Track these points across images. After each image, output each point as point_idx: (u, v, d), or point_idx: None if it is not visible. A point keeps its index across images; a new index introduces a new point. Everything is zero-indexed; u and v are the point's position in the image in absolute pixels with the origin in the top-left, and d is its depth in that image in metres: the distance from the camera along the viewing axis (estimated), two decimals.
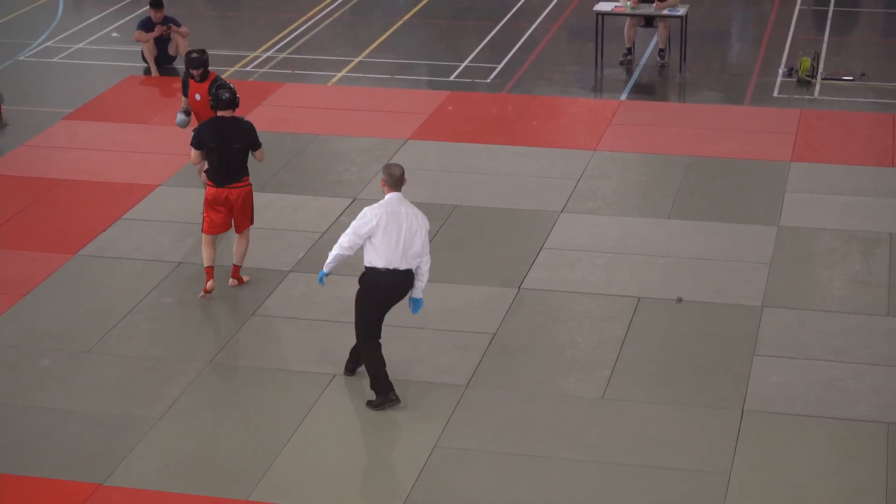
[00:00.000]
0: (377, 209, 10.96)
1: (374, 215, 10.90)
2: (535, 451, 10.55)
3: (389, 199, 11.05)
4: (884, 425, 10.76)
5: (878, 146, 16.24)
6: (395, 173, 11.08)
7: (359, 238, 10.93)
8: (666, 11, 19.22)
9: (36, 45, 20.89)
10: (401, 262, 10.89)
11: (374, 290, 10.99)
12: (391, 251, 10.86)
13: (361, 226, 10.90)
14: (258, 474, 10.32)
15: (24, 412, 11.21)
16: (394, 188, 11.10)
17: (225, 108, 12.69)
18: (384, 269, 10.89)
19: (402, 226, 10.91)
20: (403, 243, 10.88)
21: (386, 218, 10.89)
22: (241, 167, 12.74)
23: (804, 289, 12.93)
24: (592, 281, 13.12)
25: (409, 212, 11.02)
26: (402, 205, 11.04)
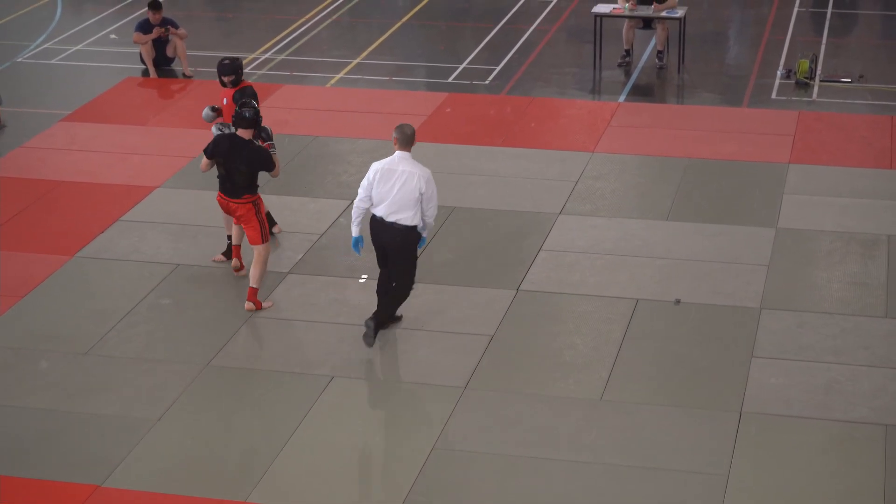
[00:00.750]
0: (377, 164, 11.78)
1: (374, 170, 11.76)
2: (533, 452, 10.55)
3: (393, 156, 11.76)
4: (882, 427, 10.76)
5: (877, 148, 16.25)
6: (407, 132, 11.72)
7: (363, 190, 11.80)
8: (664, 13, 19.23)
9: (34, 47, 20.89)
10: (386, 213, 11.74)
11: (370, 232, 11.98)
12: (380, 201, 11.75)
13: (364, 179, 11.80)
14: (256, 476, 10.32)
15: (22, 414, 11.21)
16: (402, 147, 11.75)
17: (246, 126, 12.51)
18: (373, 216, 11.88)
19: (396, 183, 11.66)
20: (392, 197, 11.67)
21: (381, 173, 11.70)
22: (243, 187, 12.54)
23: (803, 290, 12.93)
24: (591, 282, 13.12)
25: (408, 170, 11.69)
26: (402, 163, 11.71)
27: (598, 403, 11.20)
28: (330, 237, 14.13)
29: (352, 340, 12.21)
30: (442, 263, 13.56)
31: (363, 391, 11.47)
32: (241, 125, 12.54)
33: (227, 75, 13.74)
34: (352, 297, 12.98)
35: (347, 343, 12.19)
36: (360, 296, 12.97)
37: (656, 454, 10.49)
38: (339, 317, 12.62)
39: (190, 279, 13.34)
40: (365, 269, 13.45)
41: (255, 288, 12.68)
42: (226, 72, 13.74)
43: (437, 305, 12.69)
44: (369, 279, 13.25)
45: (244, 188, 12.58)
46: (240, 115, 12.52)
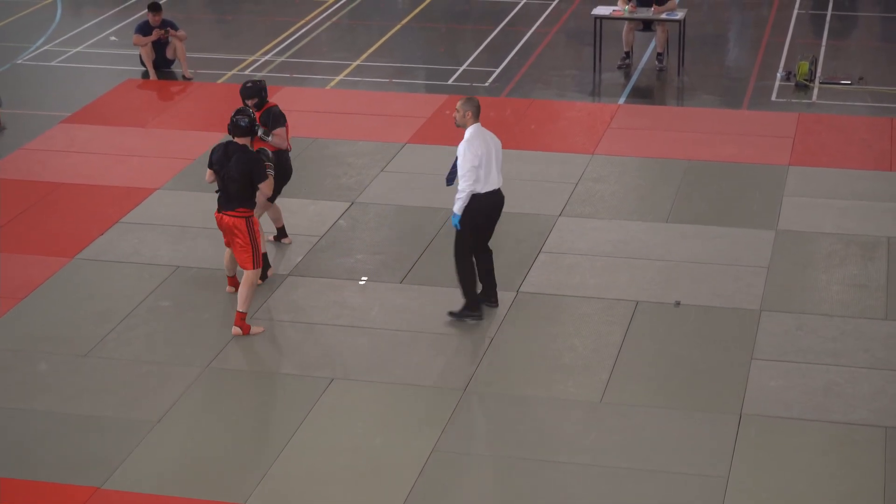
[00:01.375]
0: (475, 143, 11.92)
1: (477, 147, 11.91)
2: (532, 454, 10.55)
3: (477, 129, 12.01)
4: (881, 429, 10.76)
5: (876, 150, 16.25)
6: (478, 104, 12.04)
7: (475, 170, 11.93)
8: (664, 15, 19.23)
9: (34, 49, 20.89)
10: (497, 181, 12.14)
11: (477, 212, 12.11)
12: (491, 174, 12.03)
13: (472, 159, 11.89)
14: (256, 478, 10.31)
15: (21, 416, 11.20)
16: (477, 118, 12.03)
17: (241, 135, 12.12)
18: (489, 192, 12.06)
19: (492, 149, 12.05)
20: (495, 164, 12.07)
21: (484, 147, 11.97)
22: (237, 197, 12.06)
23: (802, 292, 12.93)
24: (590, 284, 13.12)
25: (490, 134, 12.13)
26: (484, 131, 12.08)
27: (597, 405, 11.19)
28: (329, 239, 14.13)
29: (351, 342, 12.21)
30: (441, 265, 13.55)
31: (362, 393, 11.47)
32: (236, 133, 12.13)
33: (250, 98, 13.22)
34: (351, 300, 12.98)
35: (347, 345, 12.19)
36: (359, 298, 12.97)
37: (656, 456, 10.49)
38: (339, 319, 12.61)
39: (189, 281, 13.34)
40: (364, 271, 13.45)
41: (243, 312, 12.25)
42: (249, 95, 13.22)
43: (437, 307, 12.69)
44: (369, 281, 13.25)
45: (238, 199, 12.08)
46: (235, 124, 12.14)
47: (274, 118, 13.26)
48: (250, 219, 12.18)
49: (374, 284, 13.22)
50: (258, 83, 13.37)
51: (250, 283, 12.20)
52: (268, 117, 13.26)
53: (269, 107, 13.39)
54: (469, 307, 12.38)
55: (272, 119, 13.25)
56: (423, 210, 14.80)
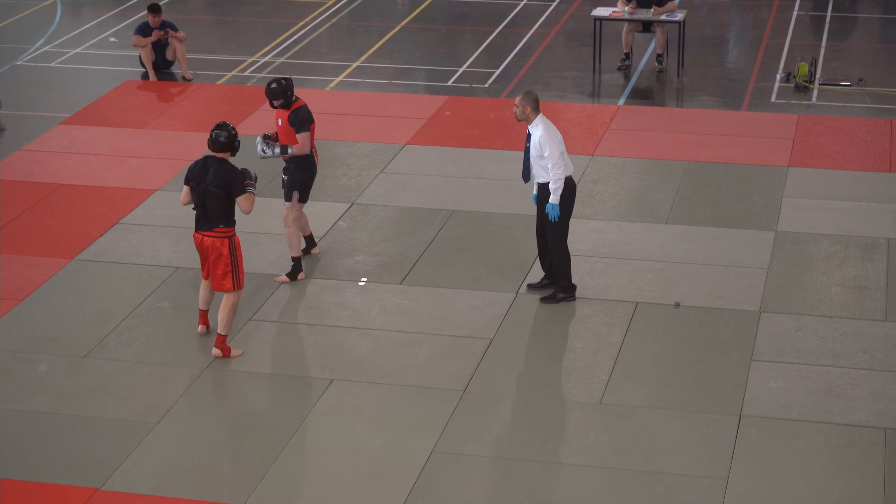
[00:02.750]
0: (552, 130, 12.34)
1: (555, 135, 12.33)
2: (532, 456, 10.55)
3: (544, 120, 12.41)
4: (881, 430, 10.76)
5: (876, 151, 16.25)
6: (537, 97, 12.43)
7: (563, 155, 12.37)
8: (664, 17, 19.23)
9: (34, 50, 20.89)
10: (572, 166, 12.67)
11: (572, 196, 12.60)
12: (569, 160, 12.53)
13: (559, 144, 12.32)
14: (255, 479, 10.31)
15: (21, 417, 11.20)
16: (538, 111, 12.41)
17: (219, 150, 11.71)
18: (570, 176, 12.52)
19: (561, 137, 12.48)
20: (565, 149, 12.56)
21: (559, 135, 12.40)
22: (216, 216, 11.66)
23: (802, 294, 12.93)
24: (590, 286, 13.12)
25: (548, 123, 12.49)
26: (548, 120, 12.48)
27: (597, 407, 11.19)
28: (329, 240, 14.12)
29: (351, 343, 12.21)
30: (441, 266, 13.56)
31: (362, 394, 11.47)
32: (214, 149, 11.71)
33: (276, 99, 12.90)
34: (351, 300, 12.97)
35: (346, 346, 12.18)
36: (359, 299, 12.97)
37: (656, 457, 10.49)
38: (339, 320, 12.61)
39: (189, 282, 13.33)
40: (364, 272, 13.45)
41: (224, 335, 11.93)
42: (275, 96, 12.88)
43: (437, 308, 12.69)
44: (368, 282, 13.25)
45: (217, 218, 11.66)
46: (213, 139, 11.69)
47: (301, 121, 12.89)
48: (232, 238, 11.78)
49: (373, 285, 13.22)
50: (283, 82, 12.91)
51: (231, 304, 11.86)
52: (295, 118, 12.93)
53: (298, 107, 12.99)
54: (566, 290, 12.81)
55: (298, 122, 12.89)
56: (422, 211, 14.80)
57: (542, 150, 12.31)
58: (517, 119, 12.47)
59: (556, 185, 12.39)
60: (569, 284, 12.83)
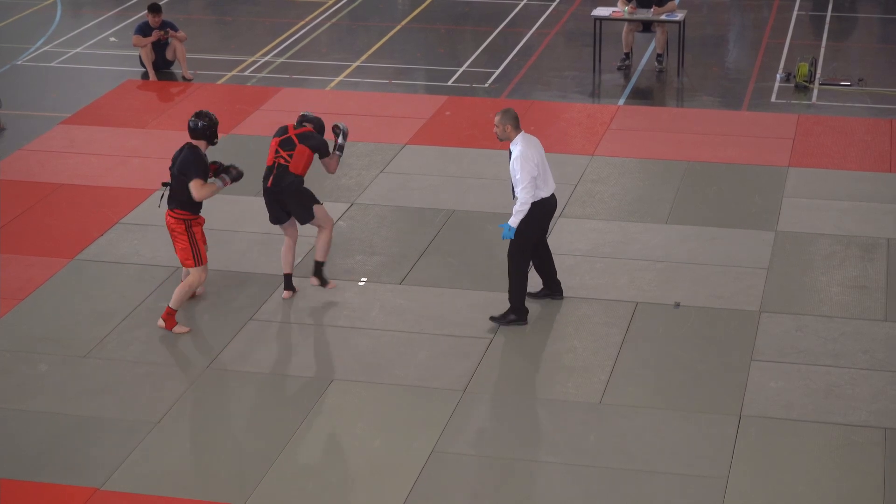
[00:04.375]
0: (529, 150, 11.92)
1: (532, 155, 11.92)
2: (532, 456, 10.55)
3: (524, 137, 12.03)
4: (882, 431, 10.76)
5: (876, 151, 16.25)
6: (516, 115, 12.06)
7: (535, 181, 11.95)
8: (664, 16, 19.24)
9: (34, 50, 20.89)
10: (553, 184, 12.27)
11: (541, 218, 12.20)
12: (549, 178, 12.16)
13: (532, 169, 11.90)
14: (255, 480, 10.31)
15: (21, 417, 11.20)
16: (519, 129, 12.04)
17: (196, 137, 12.18)
18: (549, 197, 12.15)
19: (542, 152, 12.12)
20: (548, 167, 12.18)
21: (538, 154, 12.02)
22: (174, 195, 12.16)
23: (802, 294, 12.93)
24: (590, 285, 13.12)
25: (535, 139, 12.17)
26: (530, 138, 12.12)
27: (597, 407, 11.19)
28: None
29: (350, 343, 12.21)
30: (441, 266, 13.56)
31: (362, 394, 11.47)
32: (193, 136, 12.21)
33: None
34: (351, 301, 12.97)
35: (346, 346, 12.18)
36: (358, 299, 12.97)
37: (655, 458, 10.49)
38: (338, 320, 12.61)
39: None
40: (364, 272, 13.45)
41: (172, 309, 12.33)
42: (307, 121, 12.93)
43: (437, 309, 12.69)
44: (368, 282, 13.25)
45: (174, 197, 12.16)
46: (192, 126, 12.16)
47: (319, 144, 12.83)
48: (189, 223, 12.18)
49: (373, 285, 13.22)
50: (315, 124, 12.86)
51: (189, 283, 12.31)
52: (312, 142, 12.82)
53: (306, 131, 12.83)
54: (516, 311, 12.34)
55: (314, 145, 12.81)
56: (422, 211, 14.80)
57: (515, 172, 11.92)
58: (499, 139, 12.08)
59: (520, 209, 11.92)
60: (520, 306, 12.33)
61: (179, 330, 12.37)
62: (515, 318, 12.35)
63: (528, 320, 12.37)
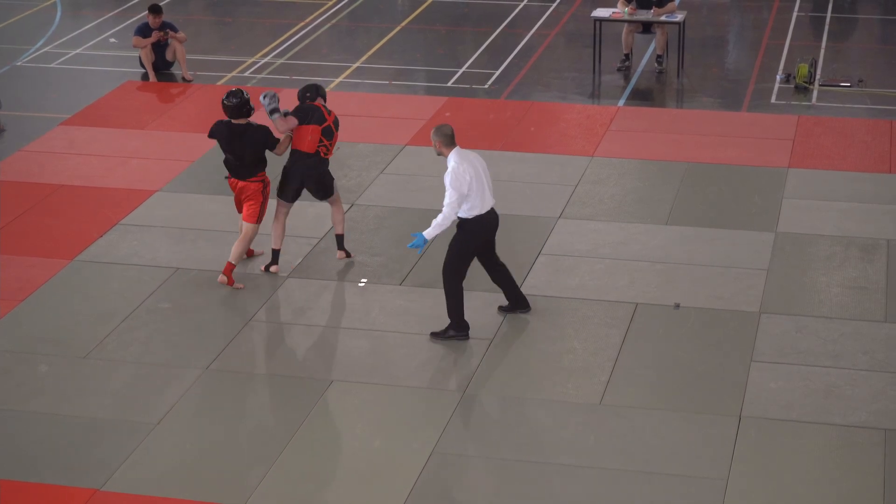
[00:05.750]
0: (461, 166, 11.71)
1: (464, 172, 11.70)
2: (532, 456, 10.55)
3: (458, 153, 11.83)
4: (881, 431, 10.76)
5: (876, 152, 16.25)
6: (448, 132, 11.84)
7: (463, 198, 11.75)
8: (664, 18, 19.24)
9: (34, 51, 20.89)
10: (491, 201, 11.98)
11: (479, 234, 11.99)
12: (485, 195, 11.86)
13: (460, 186, 11.69)
14: (255, 480, 10.31)
15: (21, 418, 11.20)
16: (452, 145, 11.84)
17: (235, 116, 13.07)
18: (485, 213, 11.90)
19: (479, 169, 11.88)
20: (487, 184, 11.91)
21: (472, 170, 11.77)
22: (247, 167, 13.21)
23: (802, 295, 12.93)
24: (590, 286, 13.12)
25: (474, 155, 12.01)
26: (467, 154, 11.92)
27: (597, 408, 11.19)
28: (329, 241, 14.12)
29: (350, 344, 12.21)
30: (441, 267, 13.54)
31: (362, 395, 11.47)
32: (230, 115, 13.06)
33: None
34: (351, 301, 12.97)
35: (346, 347, 12.19)
36: (358, 299, 12.97)
37: (655, 458, 10.49)
38: (339, 321, 12.61)
39: (189, 283, 13.34)
40: (364, 273, 13.45)
41: (233, 264, 13.17)
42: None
43: (437, 309, 12.68)
44: (368, 283, 13.25)
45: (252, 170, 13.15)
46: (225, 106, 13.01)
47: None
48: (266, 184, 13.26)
49: (373, 286, 13.22)
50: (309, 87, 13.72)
51: (247, 238, 13.22)
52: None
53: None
54: (455, 328, 12.15)
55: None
56: (422, 212, 14.79)
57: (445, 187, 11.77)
58: (437, 155, 11.99)
59: (440, 222, 11.78)
60: (458, 322, 12.11)
61: (239, 286, 13.14)
62: (454, 333, 12.15)
63: (469, 336, 12.14)
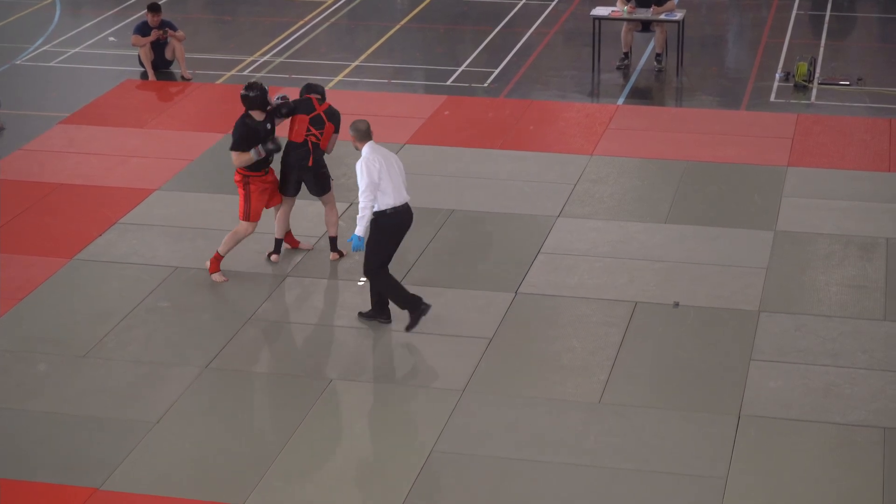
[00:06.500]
0: (372, 157, 11.81)
1: (374, 160, 11.79)
2: (531, 455, 10.55)
3: (371, 147, 11.91)
4: (881, 430, 10.76)
5: (875, 151, 16.25)
6: (362, 127, 11.97)
7: (375, 188, 11.78)
8: (663, 16, 19.24)
9: (33, 49, 20.89)
10: (405, 196, 11.96)
11: (393, 228, 11.97)
12: (397, 188, 11.86)
13: (371, 173, 11.75)
14: (254, 479, 10.31)
15: (20, 417, 11.20)
16: (366, 139, 11.96)
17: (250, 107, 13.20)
18: (398, 207, 11.88)
19: (393, 163, 11.94)
20: (401, 177, 11.96)
21: (383, 160, 11.83)
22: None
23: (801, 293, 12.93)
24: (589, 285, 13.12)
25: (387, 151, 12.03)
26: (380, 148, 11.98)
27: (596, 406, 11.20)
28: (328, 241, 14.11)
29: (350, 343, 12.21)
30: (440, 266, 13.56)
31: (361, 394, 11.47)
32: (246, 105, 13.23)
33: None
34: (350, 300, 12.97)
35: (346, 346, 12.19)
36: (357, 298, 12.97)
37: (655, 457, 10.49)
38: (338, 319, 12.61)
39: (188, 282, 13.34)
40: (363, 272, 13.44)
41: (220, 255, 13.27)
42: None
43: (436, 308, 12.68)
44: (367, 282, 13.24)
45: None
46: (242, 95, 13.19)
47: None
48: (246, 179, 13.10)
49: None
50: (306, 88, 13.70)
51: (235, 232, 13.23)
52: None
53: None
54: (411, 307, 12.16)
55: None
56: (421, 211, 14.77)
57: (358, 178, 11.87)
58: (355, 149, 12.13)
59: (360, 214, 11.86)
60: (409, 302, 12.12)
61: (218, 278, 13.21)
62: (419, 312, 12.17)
63: (429, 304, 12.22)
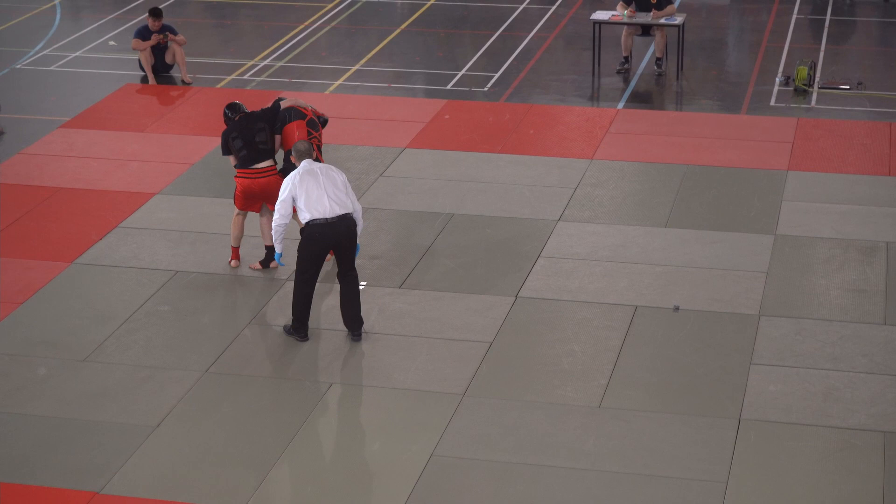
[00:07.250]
0: (296, 177, 11.97)
1: (289, 179, 11.98)
2: (532, 459, 10.55)
3: (303, 165, 12.06)
4: (881, 434, 10.76)
5: (875, 155, 16.26)
6: (301, 148, 12.18)
7: (285, 204, 11.99)
8: (663, 20, 19.25)
9: (33, 54, 20.90)
10: (328, 211, 11.87)
11: (311, 242, 11.94)
12: (315, 204, 11.85)
13: (282, 192, 12.00)
14: (254, 483, 10.31)
15: (20, 420, 11.20)
16: (303, 157, 12.14)
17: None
18: (316, 222, 11.87)
19: (319, 178, 11.94)
20: (326, 192, 11.89)
21: (299, 177, 11.93)
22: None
23: (801, 297, 12.93)
24: (589, 289, 13.12)
25: (323, 167, 12.09)
26: (313, 165, 12.07)
27: (596, 410, 11.19)
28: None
29: (350, 347, 12.21)
30: (440, 270, 13.56)
31: (361, 398, 11.47)
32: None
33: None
34: None
35: (345, 350, 12.19)
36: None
37: (655, 461, 10.49)
38: (338, 323, 12.61)
39: (188, 286, 13.34)
40: (363, 276, 13.45)
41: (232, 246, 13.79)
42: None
43: (436, 312, 12.69)
44: (367, 286, 13.25)
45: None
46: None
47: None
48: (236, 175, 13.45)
49: (372, 289, 13.23)
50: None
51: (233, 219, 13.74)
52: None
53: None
54: (296, 329, 12.25)
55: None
56: (421, 215, 14.81)
57: None
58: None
59: (273, 227, 12.16)
60: (299, 324, 12.22)
61: (234, 264, 13.69)
62: (294, 334, 12.28)
63: (307, 337, 12.23)
